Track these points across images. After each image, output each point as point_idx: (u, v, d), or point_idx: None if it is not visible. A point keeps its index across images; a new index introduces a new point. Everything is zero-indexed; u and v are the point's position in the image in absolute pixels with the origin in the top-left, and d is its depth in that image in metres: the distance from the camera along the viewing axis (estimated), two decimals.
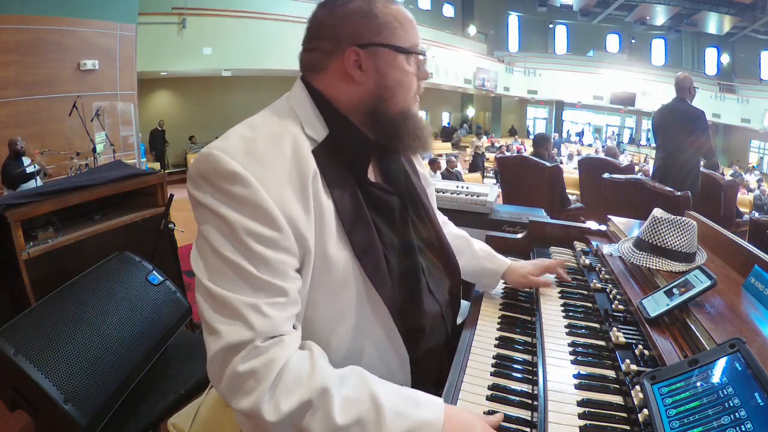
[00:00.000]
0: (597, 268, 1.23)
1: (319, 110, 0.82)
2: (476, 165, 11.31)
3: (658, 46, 20.59)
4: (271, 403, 0.65)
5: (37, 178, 4.79)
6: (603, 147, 15.79)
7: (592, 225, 1.54)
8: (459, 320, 1.10)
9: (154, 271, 1.62)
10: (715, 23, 17.92)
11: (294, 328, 0.73)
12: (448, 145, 15.80)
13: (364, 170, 0.86)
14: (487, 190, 2.15)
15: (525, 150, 12.22)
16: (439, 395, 0.79)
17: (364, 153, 0.84)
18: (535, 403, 0.78)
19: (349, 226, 0.79)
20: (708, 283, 0.87)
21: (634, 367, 0.78)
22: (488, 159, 12.00)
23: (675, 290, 0.90)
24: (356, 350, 0.81)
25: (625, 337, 0.88)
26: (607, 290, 1.09)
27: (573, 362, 0.86)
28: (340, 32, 0.80)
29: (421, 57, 0.85)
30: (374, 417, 0.65)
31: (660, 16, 18.60)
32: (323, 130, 0.81)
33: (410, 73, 0.84)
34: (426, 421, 0.66)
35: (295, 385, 0.66)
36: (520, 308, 1.13)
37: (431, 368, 0.94)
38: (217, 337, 0.67)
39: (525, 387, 0.84)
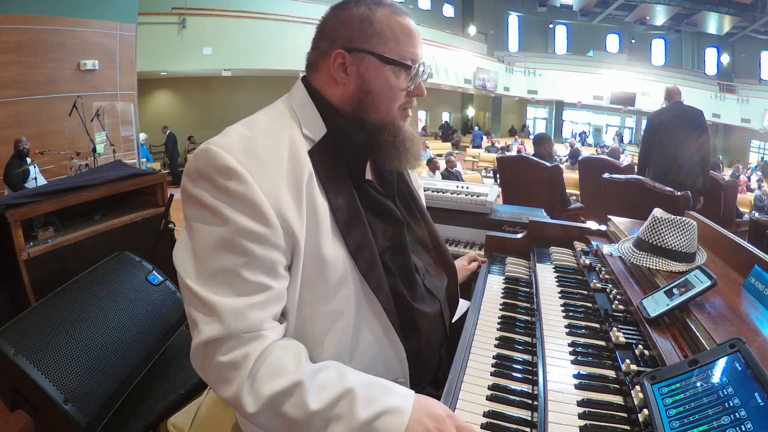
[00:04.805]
0: (597, 268, 1.23)
1: (318, 108, 0.83)
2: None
3: (658, 46, 20.61)
4: (251, 394, 0.68)
5: (36, 179, 4.81)
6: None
7: (592, 225, 1.54)
8: (456, 317, 1.10)
9: (154, 271, 1.63)
10: (715, 23, 17.93)
11: (280, 322, 0.75)
12: (448, 144, 15.76)
13: (362, 168, 0.86)
14: (487, 190, 2.14)
15: (525, 150, 12.24)
16: (438, 395, 0.79)
17: (362, 151, 0.84)
18: (535, 403, 0.78)
19: (344, 225, 0.80)
20: (708, 283, 0.87)
21: (634, 367, 0.78)
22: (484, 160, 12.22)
23: (675, 290, 0.90)
24: (354, 346, 0.82)
25: (625, 337, 0.88)
26: (607, 290, 1.09)
27: (573, 362, 0.86)
28: (337, 34, 0.82)
29: (406, 70, 0.82)
30: (346, 402, 0.68)
31: (660, 16, 18.61)
32: (321, 128, 0.82)
33: (396, 86, 0.83)
34: (395, 407, 0.69)
35: (273, 375, 0.69)
36: (520, 308, 1.13)
37: (429, 366, 0.95)
38: (197, 333, 0.70)
39: (525, 387, 0.84)
